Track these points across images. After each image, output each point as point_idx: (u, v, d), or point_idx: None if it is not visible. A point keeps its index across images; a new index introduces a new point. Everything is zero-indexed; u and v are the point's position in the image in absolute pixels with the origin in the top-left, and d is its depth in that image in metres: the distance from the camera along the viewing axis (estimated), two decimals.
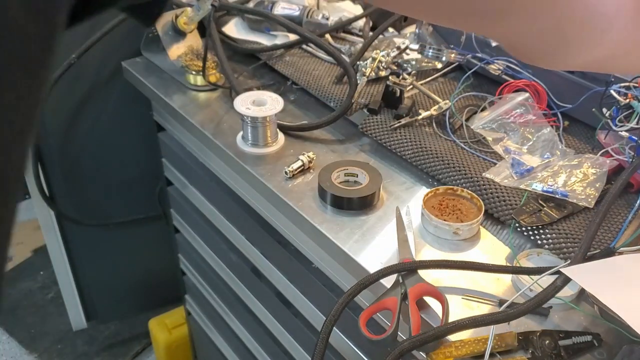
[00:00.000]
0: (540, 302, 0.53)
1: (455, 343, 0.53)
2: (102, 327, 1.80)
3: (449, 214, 0.67)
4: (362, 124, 0.83)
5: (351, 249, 0.65)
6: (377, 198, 0.71)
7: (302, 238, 0.74)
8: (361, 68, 0.90)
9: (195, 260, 1.19)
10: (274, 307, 0.95)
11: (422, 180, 0.76)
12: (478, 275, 0.61)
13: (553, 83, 0.82)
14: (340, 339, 0.76)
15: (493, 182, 0.71)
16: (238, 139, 0.82)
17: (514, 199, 0.69)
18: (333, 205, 0.70)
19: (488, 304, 0.58)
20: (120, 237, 1.47)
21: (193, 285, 1.27)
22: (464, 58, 0.93)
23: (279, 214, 0.76)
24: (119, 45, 1.11)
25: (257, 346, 1.07)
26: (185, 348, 1.51)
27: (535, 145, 0.77)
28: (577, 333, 0.53)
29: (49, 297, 1.93)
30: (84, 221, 1.38)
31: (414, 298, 0.57)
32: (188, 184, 1.05)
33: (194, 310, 1.35)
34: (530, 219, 0.66)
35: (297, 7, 1.04)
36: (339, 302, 0.56)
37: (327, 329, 0.55)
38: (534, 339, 0.53)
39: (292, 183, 0.74)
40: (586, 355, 0.53)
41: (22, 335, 1.80)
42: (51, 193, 1.32)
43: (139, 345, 1.76)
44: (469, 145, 0.79)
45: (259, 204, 0.82)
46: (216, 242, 1.05)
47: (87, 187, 1.34)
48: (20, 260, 2.07)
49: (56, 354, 1.75)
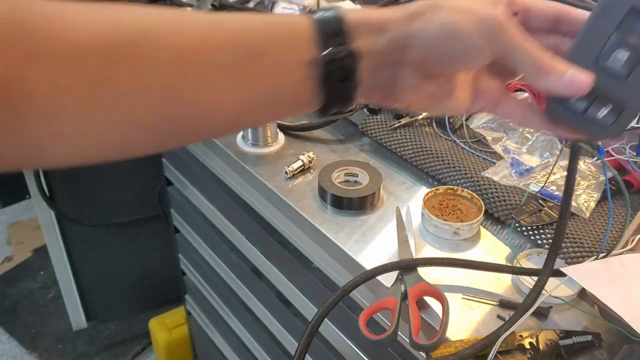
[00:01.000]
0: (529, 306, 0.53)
1: (456, 343, 0.53)
2: (102, 327, 1.80)
3: (449, 213, 0.67)
4: (362, 124, 0.83)
5: (351, 249, 0.65)
6: (377, 198, 0.71)
7: (302, 238, 0.74)
8: None
9: (196, 260, 1.19)
10: (274, 307, 0.95)
11: (422, 180, 0.76)
12: (478, 274, 0.61)
13: None
14: (341, 339, 0.76)
15: (493, 182, 0.71)
16: (238, 138, 0.82)
17: (514, 198, 0.69)
18: (333, 205, 0.70)
19: (488, 303, 0.58)
20: (121, 237, 1.47)
21: (193, 285, 1.27)
22: None
23: (279, 213, 0.76)
24: None
25: (257, 346, 1.07)
26: (186, 348, 1.51)
27: (535, 145, 0.77)
28: (577, 333, 0.53)
29: (49, 297, 1.93)
30: (84, 221, 1.38)
31: (414, 298, 0.57)
32: (188, 184, 1.05)
33: (194, 310, 1.35)
34: (530, 218, 0.66)
35: (297, 6, 1.04)
36: (333, 296, 0.56)
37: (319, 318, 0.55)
38: (534, 338, 0.53)
39: (292, 183, 0.74)
40: (586, 355, 0.53)
41: (23, 335, 1.80)
42: (51, 193, 1.32)
43: (139, 345, 1.76)
44: (468, 145, 0.79)
45: (259, 204, 0.81)
46: (216, 242, 1.04)
47: (87, 187, 1.34)
48: (21, 260, 2.07)
49: (56, 353, 1.75)
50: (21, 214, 2.26)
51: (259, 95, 0.35)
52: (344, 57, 0.35)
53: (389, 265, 0.59)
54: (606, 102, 0.34)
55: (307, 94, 0.36)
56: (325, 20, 0.35)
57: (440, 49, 0.36)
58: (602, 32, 0.35)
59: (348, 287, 0.58)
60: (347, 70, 0.35)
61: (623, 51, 0.34)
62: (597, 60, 0.35)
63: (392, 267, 0.59)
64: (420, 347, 0.52)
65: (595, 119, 0.35)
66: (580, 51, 0.36)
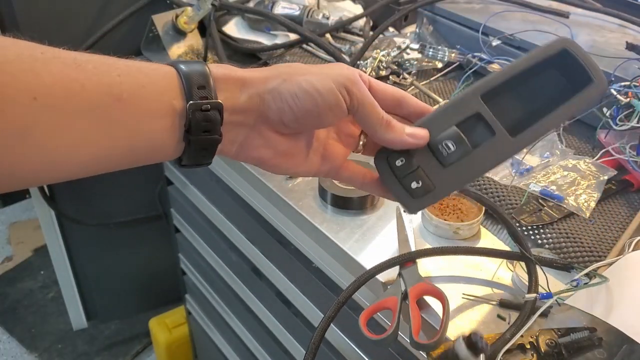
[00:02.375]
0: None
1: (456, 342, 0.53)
2: (102, 326, 1.80)
3: (449, 213, 0.67)
4: None
5: (351, 249, 0.65)
6: (377, 198, 0.71)
7: (303, 238, 0.74)
8: (361, 67, 0.90)
9: (196, 259, 1.19)
10: (274, 306, 0.95)
11: None
12: (478, 274, 0.61)
13: None
14: (341, 339, 0.76)
15: (493, 182, 0.71)
16: None
17: (514, 198, 0.69)
18: (333, 204, 0.70)
19: (488, 303, 0.58)
20: (121, 236, 1.47)
21: (193, 285, 1.27)
22: (464, 57, 0.93)
23: (279, 213, 0.76)
24: (119, 45, 1.11)
25: (257, 346, 1.08)
26: (186, 348, 1.51)
27: (535, 144, 0.77)
28: (574, 329, 0.53)
29: (50, 297, 1.93)
30: (84, 221, 1.38)
31: (414, 297, 0.57)
32: (188, 184, 1.05)
33: (194, 309, 1.35)
34: (530, 218, 0.66)
35: (297, 6, 1.04)
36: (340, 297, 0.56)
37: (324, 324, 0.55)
38: (534, 338, 0.53)
39: (292, 183, 0.74)
40: (587, 354, 0.53)
41: (23, 335, 1.80)
42: (51, 193, 1.32)
43: (139, 345, 1.76)
44: None
45: (259, 204, 0.81)
46: (216, 241, 1.05)
47: (87, 187, 1.34)
48: (21, 259, 2.07)
49: (56, 353, 1.75)
50: (21, 214, 2.26)
51: (118, 143, 0.34)
52: (209, 109, 0.35)
53: (383, 264, 0.59)
54: (422, 178, 0.38)
55: (168, 143, 0.36)
56: (192, 72, 0.36)
57: (297, 104, 0.37)
58: (446, 120, 0.39)
59: (347, 293, 0.58)
60: (212, 121, 0.36)
61: (451, 144, 0.39)
62: (431, 141, 0.40)
63: (387, 265, 0.59)
64: (421, 346, 0.52)
65: (409, 187, 0.39)
66: (422, 125, 0.41)
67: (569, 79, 0.39)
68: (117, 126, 0.33)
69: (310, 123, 0.39)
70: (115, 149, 0.34)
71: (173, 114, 0.35)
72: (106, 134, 0.33)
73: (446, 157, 0.39)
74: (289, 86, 0.37)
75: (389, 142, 0.40)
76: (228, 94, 0.37)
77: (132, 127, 0.34)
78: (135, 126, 0.34)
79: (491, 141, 0.39)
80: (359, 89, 0.38)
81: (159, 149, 0.36)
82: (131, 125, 0.34)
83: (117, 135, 0.34)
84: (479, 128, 0.39)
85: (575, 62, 0.38)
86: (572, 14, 0.99)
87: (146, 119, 0.34)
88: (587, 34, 0.93)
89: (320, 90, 0.37)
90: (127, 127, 0.34)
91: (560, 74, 0.39)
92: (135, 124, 0.34)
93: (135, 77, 0.34)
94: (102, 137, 0.33)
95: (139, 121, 0.34)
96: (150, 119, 0.34)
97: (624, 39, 0.88)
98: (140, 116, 0.34)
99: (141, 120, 0.34)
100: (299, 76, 0.38)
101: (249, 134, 0.39)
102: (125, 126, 0.34)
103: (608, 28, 0.97)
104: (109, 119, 0.33)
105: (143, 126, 0.34)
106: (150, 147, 0.36)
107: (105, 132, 0.33)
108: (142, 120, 0.34)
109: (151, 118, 0.34)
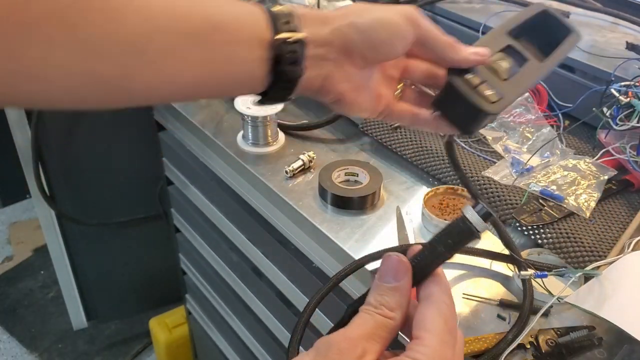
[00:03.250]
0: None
1: None
2: (102, 326, 1.80)
3: (450, 213, 0.67)
4: (363, 124, 0.83)
5: (352, 249, 0.65)
6: (377, 197, 0.71)
7: (303, 237, 0.74)
8: None
9: (196, 259, 1.19)
10: (275, 306, 0.95)
11: (423, 180, 0.76)
12: (478, 274, 0.61)
13: (553, 82, 0.82)
14: None
15: (493, 181, 0.71)
16: (238, 138, 0.82)
17: (514, 198, 0.69)
18: (333, 204, 0.70)
19: (488, 303, 0.58)
20: (121, 236, 1.47)
21: (193, 285, 1.27)
22: None
23: (279, 213, 0.76)
24: None
25: (257, 345, 1.08)
26: (186, 347, 1.51)
27: (535, 144, 0.77)
28: (573, 328, 0.54)
29: (50, 297, 1.93)
30: (84, 220, 1.38)
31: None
32: (188, 184, 1.05)
33: (194, 309, 1.35)
34: (530, 218, 0.66)
35: (297, 6, 1.04)
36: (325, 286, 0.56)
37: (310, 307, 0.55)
38: (534, 338, 0.53)
39: (292, 182, 0.75)
40: (587, 354, 0.53)
41: (23, 335, 1.81)
42: (52, 192, 1.32)
43: (139, 345, 1.76)
44: (469, 144, 0.79)
45: (259, 204, 0.82)
46: (217, 241, 1.05)
47: (87, 187, 1.34)
48: (21, 259, 2.08)
49: (57, 353, 1.75)
50: (21, 214, 2.26)
51: (215, 67, 0.37)
52: (294, 42, 0.38)
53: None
54: (493, 87, 0.43)
55: (258, 74, 0.39)
56: (277, 10, 0.39)
57: (373, 35, 0.41)
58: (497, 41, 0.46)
59: (340, 276, 0.58)
60: (296, 54, 0.39)
61: (503, 64, 0.45)
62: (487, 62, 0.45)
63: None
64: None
65: (483, 94, 0.43)
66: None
67: (553, 32, 0.48)
68: (216, 52, 0.37)
69: (384, 52, 0.43)
70: (212, 75, 0.37)
71: (262, 46, 0.38)
72: (207, 59, 0.36)
73: (502, 73, 0.45)
74: (366, 20, 0.41)
75: (458, 60, 0.43)
76: (312, 29, 0.40)
77: (228, 54, 0.37)
78: (232, 54, 0.37)
79: (528, 64, 0.46)
80: (424, 20, 0.43)
81: (249, 80, 0.39)
82: (228, 52, 0.37)
83: (216, 60, 0.37)
84: (514, 56, 0.46)
85: (555, 19, 0.48)
86: (572, 13, 0.99)
87: (240, 48, 0.37)
88: (587, 34, 0.93)
89: (392, 22, 0.42)
90: (224, 53, 0.37)
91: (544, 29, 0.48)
92: (231, 52, 0.37)
93: (228, 10, 0.37)
94: (203, 61, 0.36)
95: (234, 49, 0.37)
96: (243, 48, 0.37)
97: (624, 39, 0.88)
98: (235, 45, 0.37)
99: (236, 48, 0.37)
100: (372, 12, 0.42)
101: (331, 67, 0.42)
102: (222, 53, 0.37)
103: (608, 28, 0.97)
104: (210, 45, 0.36)
105: (238, 54, 0.37)
106: (242, 77, 0.39)
107: (206, 57, 0.36)
108: (237, 48, 0.37)
109: (245, 47, 0.37)
